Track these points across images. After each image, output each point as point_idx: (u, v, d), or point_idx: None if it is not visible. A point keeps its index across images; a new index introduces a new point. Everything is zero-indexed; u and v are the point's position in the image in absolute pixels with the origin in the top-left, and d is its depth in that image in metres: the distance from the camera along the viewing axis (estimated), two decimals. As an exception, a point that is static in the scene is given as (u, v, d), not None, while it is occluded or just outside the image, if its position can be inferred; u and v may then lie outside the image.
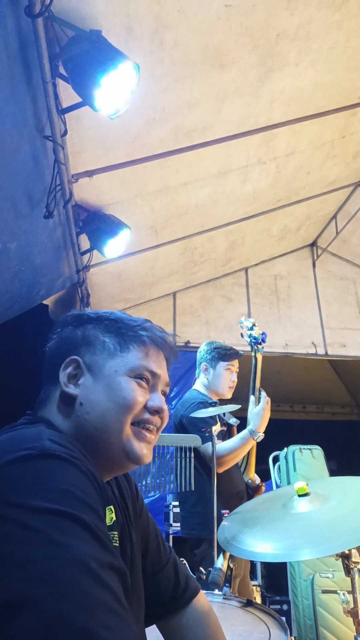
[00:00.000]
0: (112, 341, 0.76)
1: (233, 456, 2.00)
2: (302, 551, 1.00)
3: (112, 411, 0.72)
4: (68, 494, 0.54)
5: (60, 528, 0.49)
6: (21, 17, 1.47)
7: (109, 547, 0.54)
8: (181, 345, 4.55)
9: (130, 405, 0.72)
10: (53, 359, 0.77)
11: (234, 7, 2.00)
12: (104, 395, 0.72)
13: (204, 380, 2.29)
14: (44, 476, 0.54)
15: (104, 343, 0.76)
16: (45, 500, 0.51)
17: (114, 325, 0.78)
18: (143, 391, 0.75)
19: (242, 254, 4.64)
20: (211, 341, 2.37)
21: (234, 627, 1.10)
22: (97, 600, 0.46)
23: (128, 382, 0.73)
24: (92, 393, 0.73)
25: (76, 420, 0.72)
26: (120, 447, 0.72)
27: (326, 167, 3.76)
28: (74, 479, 0.56)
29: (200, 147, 2.72)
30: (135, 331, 0.78)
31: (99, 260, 3.07)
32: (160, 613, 0.86)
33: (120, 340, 0.76)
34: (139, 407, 0.73)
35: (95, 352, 0.76)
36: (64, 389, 0.73)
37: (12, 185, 1.87)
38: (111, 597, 0.48)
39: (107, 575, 0.50)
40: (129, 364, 0.75)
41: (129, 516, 0.82)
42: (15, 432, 0.64)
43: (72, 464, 0.58)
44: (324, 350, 4.86)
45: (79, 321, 0.79)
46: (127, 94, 1.74)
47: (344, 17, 2.33)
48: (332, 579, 2.74)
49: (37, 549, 0.47)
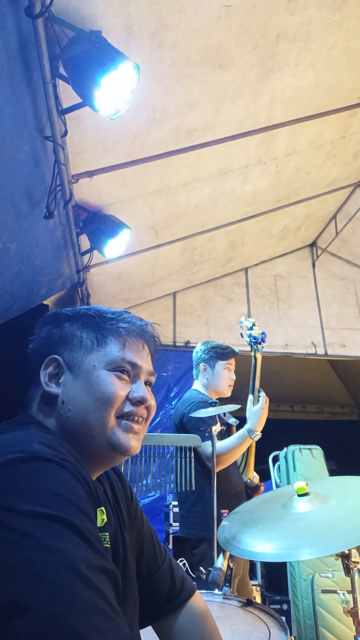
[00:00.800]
0: (89, 336, 0.76)
1: (230, 455, 2.00)
2: (302, 551, 1.00)
3: (93, 407, 0.71)
4: (58, 497, 0.54)
5: (50, 532, 0.50)
6: (21, 18, 1.47)
7: (100, 550, 0.54)
8: (181, 345, 4.55)
9: (110, 399, 0.72)
10: (35, 360, 0.77)
11: (234, 8, 2.00)
12: (84, 391, 0.72)
13: (203, 380, 2.29)
14: (34, 480, 0.54)
15: (81, 339, 0.76)
16: (36, 504, 0.51)
17: (91, 321, 0.78)
18: (123, 383, 0.74)
19: (242, 254, 4.64)
20: (206, 341, 2.38)
21: (234, 626, 1.10)
22: (88, 604, 0.47)
23: (107, 376, 0.73)
24: (72, 390, 0.73)
25: (59, 419, 0.72)
26: (105, 440, 0.71)
27: (326, 167, 3.76)
28: (64, 482, 0.57)
29: (201, 148, 2.72)
30: (112, 324, 0.77)
31: (99, 260, 3.07)
32: (156, 614, 0.86)
33: (98, 335, 0.76)
34: (120, 400, 0.73)
35: (73, 349, 0.75)
36: (45, 389, 0.74)
37: (12, 185, 1.87)
38: (102, 601, 0.48)
39: (98, 578, 0.50)
40: (106, 357, 0.74)
41: (122, 517, 0.82)
42: (4, 435, 0.64)
43: (63, 467, 0.58)
44: (324, 350, 4.86)
45: (56, 320, 0.79)
46: (127, 94, 1.74)
47: (344, 17, 2.33)
48: (332, 578, 2.74)
49: (28, 552, 0.47)
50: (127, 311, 0.82)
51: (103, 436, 0.71)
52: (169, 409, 4.27)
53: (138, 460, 2.12)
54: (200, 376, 2.31)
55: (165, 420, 4.17)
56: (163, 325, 4.58)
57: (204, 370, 2.29)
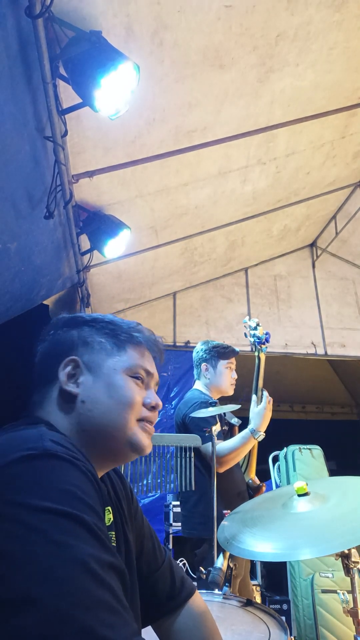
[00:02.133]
0: (108, 342, 0.80)
1: (234, 455, 2.00)
2: (302, 551, 1.00)
3: (114, 407, 0.75)
4: (69, 493, 0.54)
5: (60, 527, 0.50)
6: (21, 18, 1.47)
7: (109, 546, 0.54)
8: (181, 346, 4.55)
9: (130, 402, 0.76)
10: (48, 360, 0.79)
11: (234, 8, 2.00)
12: (105, 393, 0.75)
13: (205, 380, 2.29)
14: (45, 476, 0.55)
15: (100, 343, 0.79)
16: (46, 499, 0.51)
17: (108, 327, 0.81)
18: (139, 389, 0.79)
19: (242, 254, 4.64)
20: (206, 340, 2.37)
21: (233, 626, 1.10)
22: (98, 599, 0.47)
23: (126, 381, 0.77)
24: (93, 391, 0.75)
25: (78, 417, 0.74)
26: (126, 439, 0.75)
27: (326, 167, 3.76)
28: (74, 479, 0.57)
29: (200, 148, 2.72)
30: (129, 333, 0.82)
31: (99, 260, 3.07)
32: (155, 614, 0.86)
33: (116, 341, 0.80)
34: (138, 404, 0.77)
35: (93, 352, 0.78)
36: (64, 387, 0.75)
37: (12, 185, 1.88)
38: (111, 596, 0.49)
39: (107, 574, 0.50)
40: (126, 363, 0.78)
41: (124, 517, 0.83)
42: (16, 433, 0.65)
43: (73, 465, 0.59)
44: (324, 350, 4.86)
45: (74, 323, 0.82)
46: (127, 95, 1.74)
47: (344, 18, 2.33)
48: (331, 578, 2.75)
49: (38, 548, 0.48)
50: (139, 323, 0.88)
51: (124, 435, 0.75)
52: (169, 409, 4.27)
53: (138, 460, 2.12)
54: (202, 376, 2.30)
55: (165, 420, 4.16)
56: (163, 325, 4.58)
57: (205, 370, 2.29)
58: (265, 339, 2.13)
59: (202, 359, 2.30)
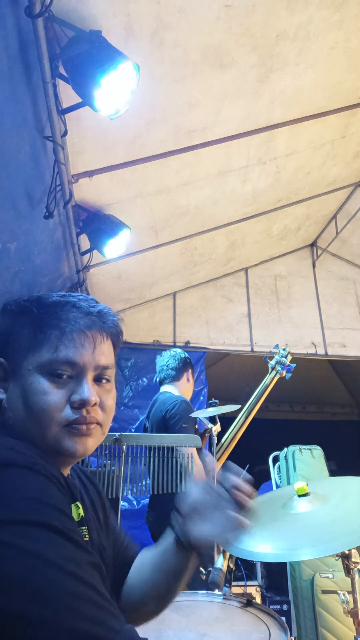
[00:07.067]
0: (28, 334, 0.67)
1: None
2: (302, 551, 1.00)
3: (31, 416, 0.66)
4: (33, 501, 0.54)
5: (31, 537, 0.50)
6: (21, 17, 1.46)
7: (82, 544, 0.55)
8: (181, 346, 4.54)
9: (44, 409, 0.65)
10: None
11: (234, 7, 2.00)
12: (20, 399, 0.66)
13: (180, 387, 2.47)
14: (6, 488, 0.54)
15: (20, 338, 0.68)
16: (12, 511, 0.51)
17: (31, 315, 0.68)
18: (60, 388, 0.66)
19: (242, 254, 4.64)
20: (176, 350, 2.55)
21: (234, 627, 1.10)
22: (81, 599, 0.48)
23: (39, 383, 0.65)
24: (12, 398, 0.68)
25: (7, 424, 0.68)
26: (51, 448, 0.66)
27: (326, 167, 3.76)
28: (37, 485, 0.56)
29: (200, 148, 2.71)
30: (50, 316, 0.67)
31: (99, 260, 3.07)
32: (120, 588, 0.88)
33: (37, 332, 0.67)
34: (57, 408, 0.65)
35: (13, 350, 0.68)
36: None
37: (12, 185, 1.87)
38: (95, 593, 0.50)
39: (86, 572, 0.51)
40: (40, 359, 0.66)
41: (95, 509, 0.83)
42: None
43: (33, 470, 0.57)
44: (324, 351, 4.85)
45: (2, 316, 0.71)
46: (127, 94, 1.74)
47: (344, 17, 2.33)
48: (332, 579, 2.74)
49: (13, 562, 0.47)
50: (81, 295, 0.74)
51: (48, 443, 0.66)
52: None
53: (138, 460, 2.11)
54: (178, 383, 2.47)
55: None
56: (163, 325, 4.58)
57: (183, 379, 2.48)
58: (287, 369, 2.30)
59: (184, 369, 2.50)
